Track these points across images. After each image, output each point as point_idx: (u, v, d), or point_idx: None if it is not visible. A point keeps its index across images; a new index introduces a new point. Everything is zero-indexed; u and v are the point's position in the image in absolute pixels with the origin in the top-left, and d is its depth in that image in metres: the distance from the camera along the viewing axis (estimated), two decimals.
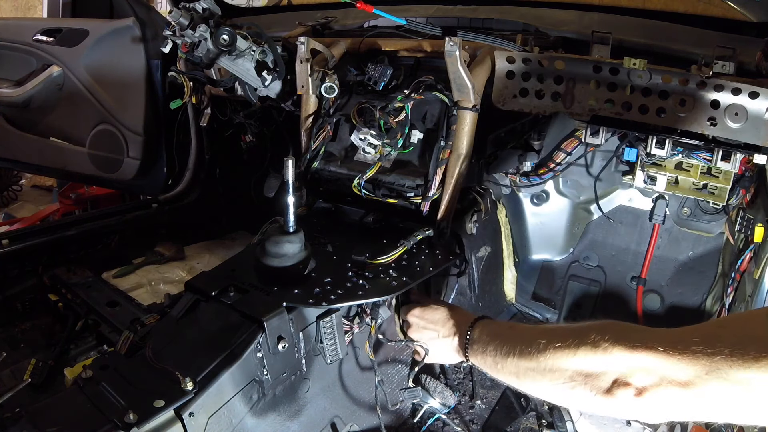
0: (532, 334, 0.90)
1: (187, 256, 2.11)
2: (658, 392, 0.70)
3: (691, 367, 0.66)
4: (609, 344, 0.75)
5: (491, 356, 0.97)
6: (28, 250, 1.74)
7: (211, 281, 1.12)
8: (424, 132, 1.35)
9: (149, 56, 2.10)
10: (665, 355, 0.69)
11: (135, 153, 2.20)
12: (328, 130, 1.44)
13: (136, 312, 1.54)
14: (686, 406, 0.69)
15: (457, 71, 1.23)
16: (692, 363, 0.66)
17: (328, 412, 1.19)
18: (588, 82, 1.24)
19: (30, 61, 2.27)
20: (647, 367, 0.70)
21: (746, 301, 1.22)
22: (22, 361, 1.40)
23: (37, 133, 2.39)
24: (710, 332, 0.71)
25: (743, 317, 0.89)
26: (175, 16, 1.28)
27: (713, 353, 0.65)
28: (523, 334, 0.93)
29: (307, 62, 1.43)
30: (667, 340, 0.70)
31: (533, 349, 0.86)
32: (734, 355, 0.63)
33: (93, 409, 0.86)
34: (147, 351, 0.96)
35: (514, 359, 0.90)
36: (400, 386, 1.37)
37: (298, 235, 1.11)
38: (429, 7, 1.78)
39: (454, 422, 1.35)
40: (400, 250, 1.19)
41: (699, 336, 0.69)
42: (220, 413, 0.94)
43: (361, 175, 1.34)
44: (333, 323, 1.10)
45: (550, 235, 1.78)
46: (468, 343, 1.05)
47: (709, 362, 0.65)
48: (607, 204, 1.64)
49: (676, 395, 0.68)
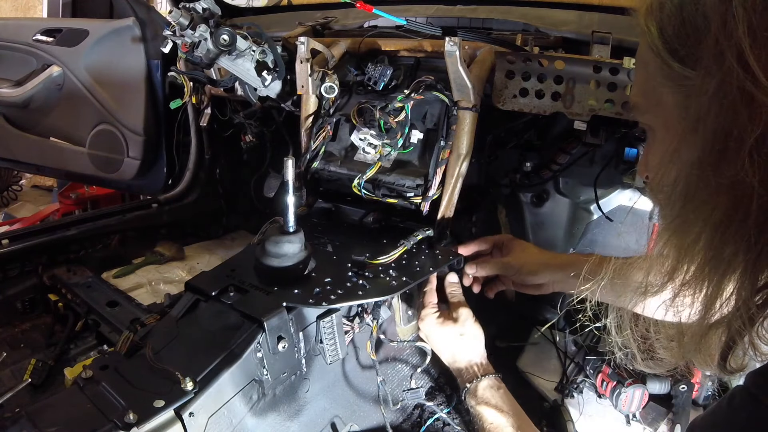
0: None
1: (187, 256, 2.11)
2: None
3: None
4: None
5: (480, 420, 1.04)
6: (28, 250, 1.75)
7: (211, 281, 1.12)
8: (424, 132, 1.36)
9: (149, 56, 2.10)
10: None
11: (135, 153, 2.20)
12: (328, 130, 1.44)
13: (136, 312, 1.54)
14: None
15: (457, 71, 1.23)
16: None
17: (328, 412, 1.19)
18: (588, 82, 1.24)
19: (30, 61, 2.27)
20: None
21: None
22: (22, 361, 1.41)
23: (37, 133, 2.39)
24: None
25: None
26: (175, 16, 1.28)
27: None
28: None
29: (307, 62, 1.43)
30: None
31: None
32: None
33: (93, 409, 0.86)
34: (147, 351, 0.95)
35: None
36: (400, 386, 1.37)
37: (298, 235, 1.11)
38: (429, 7, 1.78)
39: (454, 422, 1.35)
40: (400, 250, 1.19)
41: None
42: (220, 413, 0.94)
43: (361, 175, 1.34)
44: (333, 323, 1.10)
45: (550, 235, 1.77)
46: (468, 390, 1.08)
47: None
48: (607, 204, 1.64)
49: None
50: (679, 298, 0.62)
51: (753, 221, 0.51)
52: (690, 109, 0.56)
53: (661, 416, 1.43)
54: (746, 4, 0.49)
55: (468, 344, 1.13)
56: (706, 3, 0.53)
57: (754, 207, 0.50)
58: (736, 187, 0.51)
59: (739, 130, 0.50)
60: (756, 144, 0.49)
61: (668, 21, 0.57)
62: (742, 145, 0.49)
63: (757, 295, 0.54)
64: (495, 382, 1.08)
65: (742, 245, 0.53)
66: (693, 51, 0.55)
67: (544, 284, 1.23)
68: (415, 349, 1.41)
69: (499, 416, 1.02)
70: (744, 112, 0.49)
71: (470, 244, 1.31)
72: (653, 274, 0.67)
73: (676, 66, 0.57)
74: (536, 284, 1.24)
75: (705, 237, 0.56)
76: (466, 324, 1.15)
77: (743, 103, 0.49)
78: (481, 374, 1.09)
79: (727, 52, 0.50)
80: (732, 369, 0.60)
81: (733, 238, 0.53)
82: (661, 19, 0.58)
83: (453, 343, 1.14)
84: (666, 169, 0.61)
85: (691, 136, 0.56)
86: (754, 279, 0.54)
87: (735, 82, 0.49)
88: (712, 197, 0.54)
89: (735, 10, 0.49)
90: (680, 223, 0.59)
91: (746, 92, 0.49)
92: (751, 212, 0.51)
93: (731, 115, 0.50)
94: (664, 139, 0.63)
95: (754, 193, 0.50)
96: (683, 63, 0.56)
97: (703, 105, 0.53)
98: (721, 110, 0.51)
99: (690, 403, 1.40)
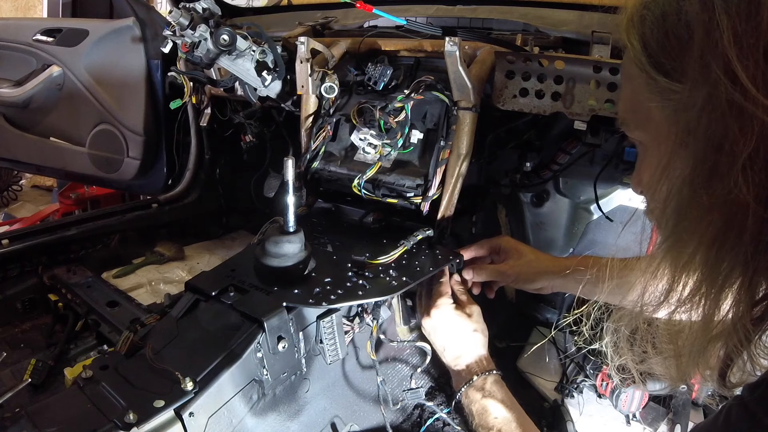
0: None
1: (187, 256, 2.11)
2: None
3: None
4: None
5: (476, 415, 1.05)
6: (28, 250, 1.74)
7: (211, 281, 1.12)
8: (424, 132, 1.35)
9: (149, 56, 2.10)
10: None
11: (135, 153, 2.20)
12: (328, 130, 1.44)
13: (136, 312, 1.54)
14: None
15: (457, 71, 1.23)
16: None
17: (328, 412, 1.19)
18: (588, 82, 1.24)
19: (30, 61, 2.27)
20: None
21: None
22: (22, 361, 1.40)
23: (37, 133, 2.39)
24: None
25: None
26: (175, 16, 1.28)
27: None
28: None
29: (307, 62, 1.43)
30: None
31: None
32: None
33: (93, 409, 0.86)
34: (147, 351, 0.95)
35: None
36: (400, 386, 1.37)
37: (298, 235, 1.11)
38: (429, 7, 1.78)
39: (455, 422, 1.35)
40: (400, 250, 1.19)
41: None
42: (220, 413, 0.94)
43: (361, 175, 1.34)
44: (333, 323, 1.10)
45: (550, 235, 1.78)
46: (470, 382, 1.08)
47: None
48: (607, 204, 1.64)
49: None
50: (676, 315, 0.61)
51: (749, 237, 0.49)
52: (679, 124, 0.54)
53: (661, 416, 1.43)
54: (730, 11, 0.47)
55: (480, 340, 1.14)
56: (688, 12, 0.51)
57: (749, 223, 0.48)
58: (730, 204, 0.49)
59: (730, 144, 0.48)
60: (749, 159, 0.47)
61: (651, 34, 0.55)
62: (735, 160, 0.47)
63: (754, 308, 0.53)
64: (500, 379, 1.09)
65: (738, 260, 0.51)
66: (678, 64, 0.53)
67: (542, 287, 1.24)
68: (415, 349, 1.41)
69: (505, 411, 1.02)
70: (734, 126, 0.47)
71: (467, 249, 1.31)
72: (648, 294, 0.65)
73: (661, 80, 0.55)
74: (534, 288, 1.25)
75: (700, 255, 0.54)
76: (480, 321, 1.16)
77: (733, 116, 0.47)
78: (489, 369, 1.09)
79: (713, 63, 0.48)
80: (732, 384, 0.59)
81: (729, 255, 0.51)
82: (643, 32, 0.56)
83: (466, 337, 1.14)
84: (658, 185, 0.59)
85: (681, 151, 0.54)
86: (751, 293, 0.52)
87: (723, 94, 0.47)
88: (706, 215, 0.52)
89: (719, 18, 0.47)
90: (674, 242, 0.57)
91: (735, 104, 0.47)
92: (747, 228, 0.49)
93: (721, 129, 0.48)
94: (655, 154, 0.61)
95: (749, 209, 0.48)
96: (669, 76, 0.54)
97: (692, 119, 0.51)
98: (711, 124, 0.49)
99: (690, 403, 1.40)
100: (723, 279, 0.53)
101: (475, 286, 1.31)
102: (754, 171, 0.47)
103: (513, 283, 1.26)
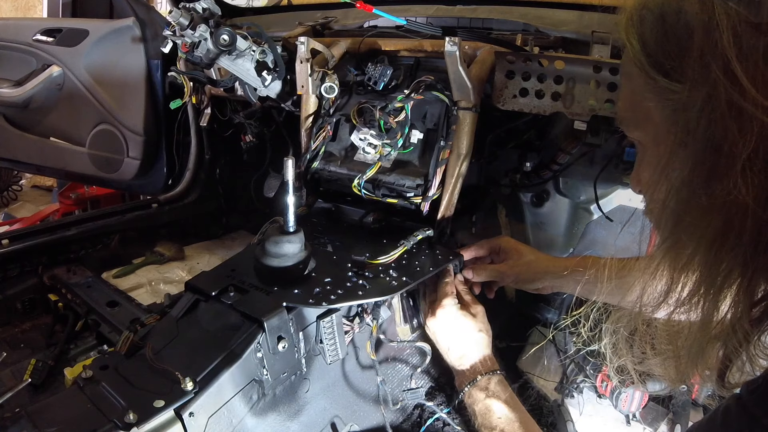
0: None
1: (187, 256, 2.11)
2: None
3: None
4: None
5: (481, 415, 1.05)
6: (28, 250, 1.74)
7: (211, 281, 1.12)
8: (424, 132, 1.35)
9: (149, 56, 2.10)
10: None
11: (135, 153, 2.20)
12: (328, 130, 1.44)
13: (136, 312, 1.54)
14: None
15: (457, 71, 1.23)
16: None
17: (328, 412, 1.19)
18: (588, 82, 1.24)
19: (30, 61, 2.28)
20: None
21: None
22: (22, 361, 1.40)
23: (37, 133, 2.39)
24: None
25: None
26: (175, 16, 1.28)
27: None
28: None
29: (307, 62, 1.43)
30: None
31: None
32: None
33: (93, 409, 0.86)
34: (147, 351, 0.95)
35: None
36: (400, 386, 1.37)
37: (298, 235, 1.11)
38: (429, 7, 1.78)
39: (455, 422, 1.35)
40: (400, 250, 1.19)
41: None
42: (220, 413, 0.94)
43: (361, 175, 1.34)
44: (333, 323, 1.10)
45: (550, 235, 1.77)
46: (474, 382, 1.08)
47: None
48: (607, 204, 1.64)
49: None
50: (675, 316, 0.60)
51: (748, 238, 0.49)
52: (678, 124, 0.53)
53: (661, 416, 1.43)
54: (730, 11, 0.47)
55: (485, 340, 1.14)
56: (687, 12, 0.51)
57: (748, 224, 0.48)
58: (729, 205, 0.49)
59: (729, 145, 0.47)
60: (748, 160, 0.47)
61: (650, 33, 0.55)
62: (734, 161, 0.47)
63: (753, 309, 0.53)
64: (504, 379, 1.09)
65: (737, 261, 0.51)
66: (677, 64, 0.52)
67: (542, 287, 1.24)
68: (415, 349, 1.41)
69: (509, 411, 1.02)
70: (733, 126, 0.47)
71: (467, 249, 1.31)
72: (647, 295, 0.65)
73: (661, 80, 0.54)
74: (534, 288, 1.25)
75: (699, 256, 0.54)
76: (485, 321, 1.17)
77: (732, 116, 0.47)
78: (493, 369, 1.10)
79: (712, 64, 0.47)
80: (731, 385, 0.59)
81: (728, 256, 0.51)
82: (642, 32, 0.56)
83: (471, 336, 1.14)
84: (657, 185, 0.58)
85: (680, 152, 0.53)
86: (750, 294, 0.52)
87: (722, 94, 0.47)
88: (705, 215, 0.51)
89: (718, 19, 0.47)
90: (673, 242, 0.57)
91: (734, 105, 0.46)
92: (746, 229, 0.48)
93: (720, 130, 0.48)
94: (654, 154, 0.61)
95: (748, 210, 0.47)
96: (668, 76, 0.54)
97: (691, 119, 0.51)
98: (710, 125, 0.49)
99: (690, 403, 1.40)
100: (722, 280, 0.53)
101: (475, 286, 1.31)
102: (754, 172, 0.47)
103: (513, 283, 1.26)
